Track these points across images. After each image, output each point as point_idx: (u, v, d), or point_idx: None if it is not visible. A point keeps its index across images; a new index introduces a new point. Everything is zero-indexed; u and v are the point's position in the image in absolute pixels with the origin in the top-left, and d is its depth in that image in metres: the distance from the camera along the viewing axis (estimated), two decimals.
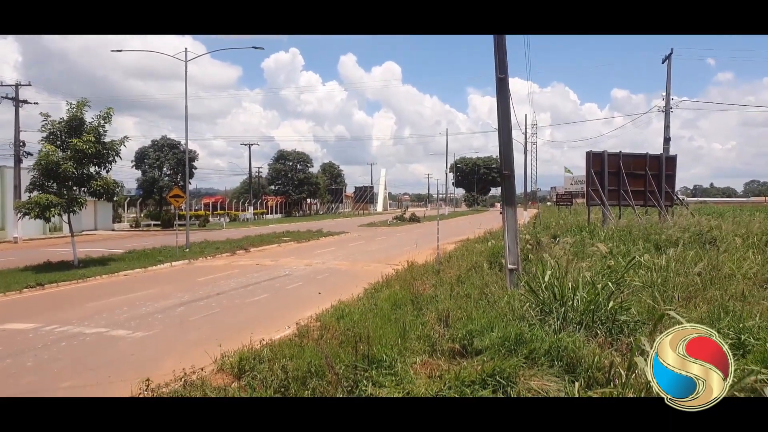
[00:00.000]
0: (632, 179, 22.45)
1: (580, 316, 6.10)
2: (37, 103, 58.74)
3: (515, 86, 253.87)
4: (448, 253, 15.81)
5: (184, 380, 5.37)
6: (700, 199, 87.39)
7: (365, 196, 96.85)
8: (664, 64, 31.36)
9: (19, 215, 17.67)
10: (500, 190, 11.63)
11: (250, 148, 64.46)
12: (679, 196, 28.58)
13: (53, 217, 16.09)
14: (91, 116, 16.48)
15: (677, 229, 14.69)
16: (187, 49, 22.88)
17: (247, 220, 55.33)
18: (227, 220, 51.63)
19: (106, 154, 16.49)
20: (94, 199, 18.14)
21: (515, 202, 9.94)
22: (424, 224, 43.51)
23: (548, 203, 76.77)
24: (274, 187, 69.98)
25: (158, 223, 44.51)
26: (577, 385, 4.38)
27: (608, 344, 5.52)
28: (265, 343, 6.61)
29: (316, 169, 77.11)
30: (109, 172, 17.59)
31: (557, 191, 65.96)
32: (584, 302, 6.26)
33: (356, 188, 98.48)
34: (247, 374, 5.57)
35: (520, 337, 5.48)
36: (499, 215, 13.15)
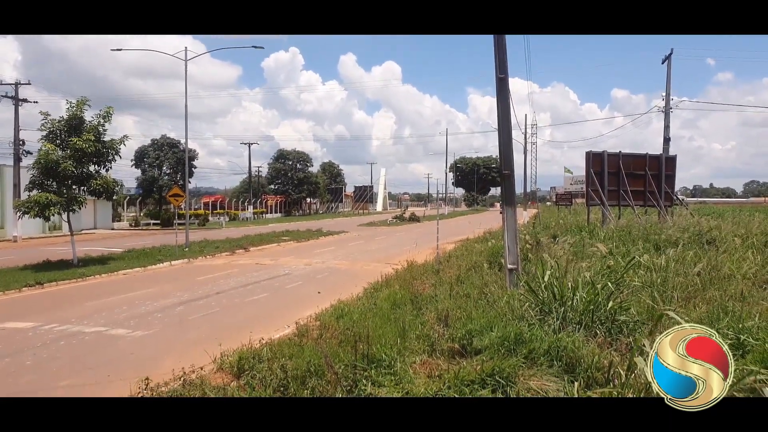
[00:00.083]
0: (632, 179, 22.46)
1: (579, 316, 6.11)
2: (36, 102, 58.53)
3: (515, 86, 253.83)
4: (447, 252, 15.81)
5: (183, 379, 5.37)
6: (699, 199, 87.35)
7: (365, 195, 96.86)
8: (664, 64, 31.46)
9: (18, 214, 17.69)
10: (500, 189, 11.64)
11: (249, 147, 64.57)
12: (678, 196, 28.61)
13: (53, 215, 16.10)
14: (90, 115, 16.54)
15: (677, 229, 14.68)
16: (186, 48, 23.09)
17: (246, 219, 55.33)
18: (227, 219, 51.66)
19: (105, 153, 16.49)
20: (93, 198, 18.11)
21: (515, 201, 9.93)
22: (423, 224, 43.52)
23: (548, 203, 76.79)
24: (273, 186, 70.03)
25: (158, 222, 44.55)
26: (576, 385, 4.38)
27: (608, 344, 5.52)
28: (264, 342, 6.60)
29: (315, 168, 77.28)
30: (108, 171, 17.58)
31: (557, 191, 66.08)
32: (584, 302, 6.26)
33: (356, 188, 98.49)
34: (246, 373, 5.57)
35: (519, 336, 5.48)
36: (498, 215, 13.15)
